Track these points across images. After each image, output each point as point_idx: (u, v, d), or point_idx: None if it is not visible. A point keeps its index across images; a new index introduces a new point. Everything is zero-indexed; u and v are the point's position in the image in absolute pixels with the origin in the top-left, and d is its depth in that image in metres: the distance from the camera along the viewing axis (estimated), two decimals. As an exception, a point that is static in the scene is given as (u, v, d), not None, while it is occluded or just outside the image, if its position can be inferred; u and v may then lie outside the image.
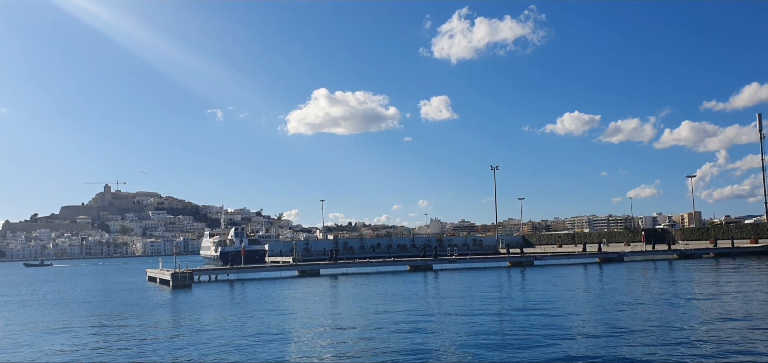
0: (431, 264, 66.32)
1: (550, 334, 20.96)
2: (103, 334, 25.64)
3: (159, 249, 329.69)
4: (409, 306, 31.13)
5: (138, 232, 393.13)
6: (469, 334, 21.76)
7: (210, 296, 41.19)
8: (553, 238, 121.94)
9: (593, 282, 43.60)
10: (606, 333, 20.95)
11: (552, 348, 18.64)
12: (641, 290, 35.89)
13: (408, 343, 20.33)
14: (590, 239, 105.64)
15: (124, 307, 36.27)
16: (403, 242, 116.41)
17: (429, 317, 26.63)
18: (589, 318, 24.82)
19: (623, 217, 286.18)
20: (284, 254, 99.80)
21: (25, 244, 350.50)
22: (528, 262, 68.45)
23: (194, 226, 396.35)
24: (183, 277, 51.90)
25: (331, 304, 33.89)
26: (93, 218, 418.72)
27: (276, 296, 39.75)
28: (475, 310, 28.67)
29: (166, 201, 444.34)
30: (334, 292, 42.49)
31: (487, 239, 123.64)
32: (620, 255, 72.43)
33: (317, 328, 24.55)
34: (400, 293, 38.75)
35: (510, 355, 18.00)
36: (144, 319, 29.89)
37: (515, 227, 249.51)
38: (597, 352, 17.88)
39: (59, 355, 20.43)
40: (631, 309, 27.30)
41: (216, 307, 33.90)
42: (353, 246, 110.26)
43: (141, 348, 21.21)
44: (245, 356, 19.07)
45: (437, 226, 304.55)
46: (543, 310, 27.54)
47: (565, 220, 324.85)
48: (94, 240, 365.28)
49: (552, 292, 36.51)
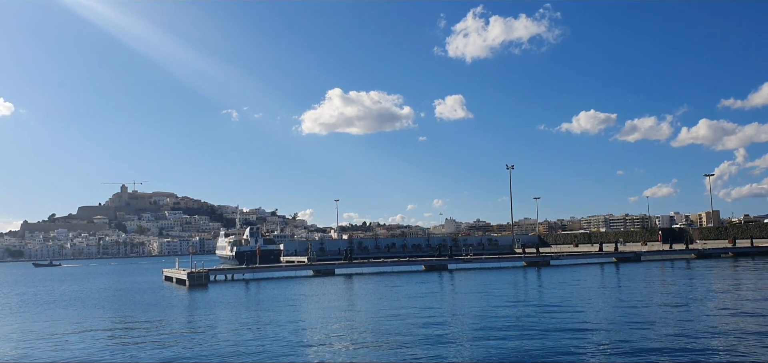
0: (446, 264, 66.12)
1: (567, 335, 20.78)
2: (120, 332, 25.80)
3: (175, 249, 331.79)
4: (425, 306, 31.05)
5: (154, 232, 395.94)
6: (485, 333, 21.63)
7: (226, 295, 41.36)
8: (569, 237, 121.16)
9: (610, 282, 43.22)
10: (624, 333, 20.72)
11: (569, 348, 18.47)
12: (659, 290, 35.53)
13: (424, 342, 20.25)
14: (606, 239, 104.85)
15: (141, 307, 36.51)
16: (418, 242, 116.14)
17: (445, 317, 26.53)
18: (606, 318, 24.58)
19: (640, 217, 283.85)
20: (299, 254, 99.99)
21: (43, 244, 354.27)
22: (544, 262, 68.02)
23: (210, 225, 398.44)
24: (199, 276, 52.19)
25: (346, 304, 33.88)
26: (110, 218, 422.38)
27: (291, 296, 39.83)
28: (491, 309, 28.52)
29: (182, 201, 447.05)
30: (350, 291, 42.49)
31: (503, 239, 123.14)
32: (637, 255, 71.78)
33: (333, 328, 24.54)
34: (416, 293, 38.67)
35: (527, 355, 17.87)
36: (161, 318, 30.05)
37: (531, 227, 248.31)
38: (615, 352, 17.70)
39: (78, 353, 20.58)
40: (649, 309, 27.02)
41: (232, 307, 34.02)
42: (368, 246, 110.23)
43: (158, 347, 21.30)
44: (261, 355, 19.08)
45: (452, 226, 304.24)
46: (560, 310, 27.33)
47: (581, 219, 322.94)
48: (111, 240, 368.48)
49: (568, 291, 36.23)
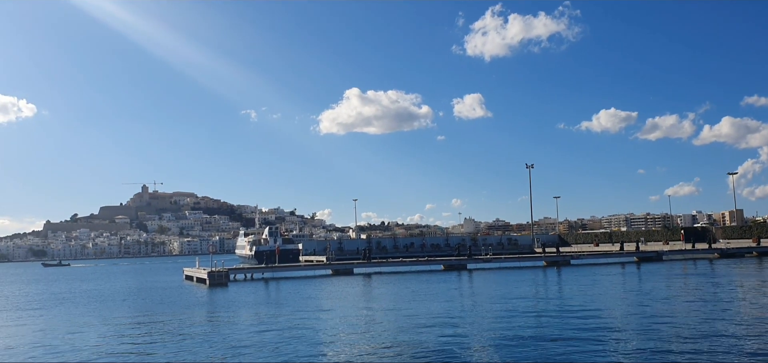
0: (466, 263, 65.89)
1: (588, 335, 20.59)
2: (144, 330, 26.06)
3: (195, 248, 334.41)
4: (444, 305, 30.94)
5: (175, 231, 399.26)
6: (505, 335, 21.49)
7: (246, 294, 41.58)
8: (589, 237, 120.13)
9: (631, 281, 42.77)
10: (647, 336, 20.48)
11: (590, 350, 18.29)
12: (682, 290, 35.08)
13: (443, 343, 20.17)
14: (628, 238, 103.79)
15: (163, 305, 36.83)
16: (437, 242, 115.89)
17: (464, 317, 26.41)
18: (629, 320, 24.32)
19: (661, 216, 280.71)
20: (318, 253, 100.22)
21: (65, 244, 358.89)
22: (564, 262, 67.52)
23: (229, 225, 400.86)
24: (219, 275, 52.60)
25: (365, 303, 33.88)
26: (131, 218, 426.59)
27: (310, 295, 39.92)
28: (511, 309, 28.34)
29: (202, 201, 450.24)
30: (368, 291, 42.48)
31: (523, 238, 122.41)
32: (659, 254, 70.99)
33: (352, 327, 24.54)
34: (435, 292, 38.55)
35: (548, 358, 17.71)
36: (182, 316, 30.33)
37: (551, 226, 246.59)
38: (638, 354, 17.48)
39: (103, 350, 20.78)
40: (672, 310, 26.69)
41: (252, 305, 34.21)
42: (386, 245, 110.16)
43: (181, 344, 21.46)
44: (281, 354, 19.12)
45: (471, 226, 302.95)
46: (581, 311, 27.09)
47: (601, 218, 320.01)
48: (133, 240, 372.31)
49: (589, 291, 35.90)
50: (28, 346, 22.88)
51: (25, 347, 22.57)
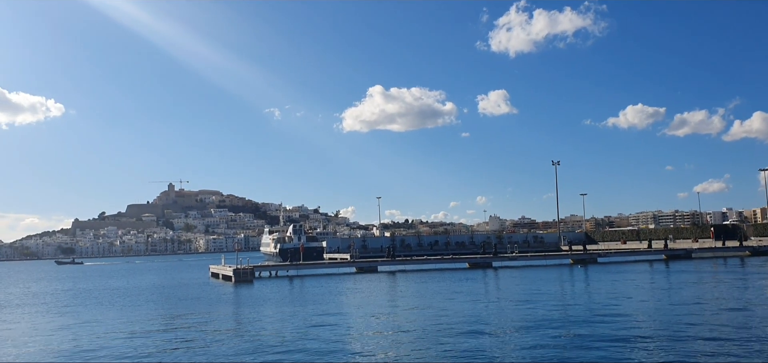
0: (491, 261, 65.44)
1: (616, 335, 20.28)
2: (173, 325, 26.30)
3: (221, 246, 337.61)
4: (469, 304, 30.75)
5: (201, 229, 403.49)
6: (531, 333, 21.25)
7: (271, 292, 41.77)
8: (616, 234, 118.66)
9: (660, 280, 42.10)
10: (676, 335, 20.10)
11: (617, 350, 17.99)
12: (712, 288, 34.43)
13: (469, 341, 20.00)
14: (656, 236, 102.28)
15: (190, 302, 37.18)
16: (462, 240, 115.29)
17: (490, 316, 26.19)
18: (657, 318, 23.91)
19: (690, 213, 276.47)
20: (342, 251, 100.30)
21: (93, 242, 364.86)
22: (591, 260, 66.76)
23: (254, 223, 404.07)
24: (245, 273, 53.11)
25: (389, 302, 33.81)
26: (158, 216, 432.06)
27: (335, 292, 39.97)
28: (537, 308, 28.04)
29: (228, 199, 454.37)
30: (393, 289, 42.39)
31: (549, 236, 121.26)
32: (688, 252, 69.81)
33: (376, 325, 24.49)
34: (460, 291, 38.33)
35: (574, 356, 17.46)
36: (210, 312, 30.61)
37: (577, 224, 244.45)
38: (666, 356, 17.14)
39: (133, 344, 20.97)
40: (701, 309, 26.20)
41: (277, 303, 34.37)
42: (411, 243, 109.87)
43: (208, 339, 21.60)
44: (306, 351, 19.11)
45: (497, 223, 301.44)
46: (608, 310, 26.73)
47: (628, 216, 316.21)
48: (159, 237, 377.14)
49: (617, 290, 35.39)
50: (60, 343, 23.21)
51: (57, 345, 22.91)
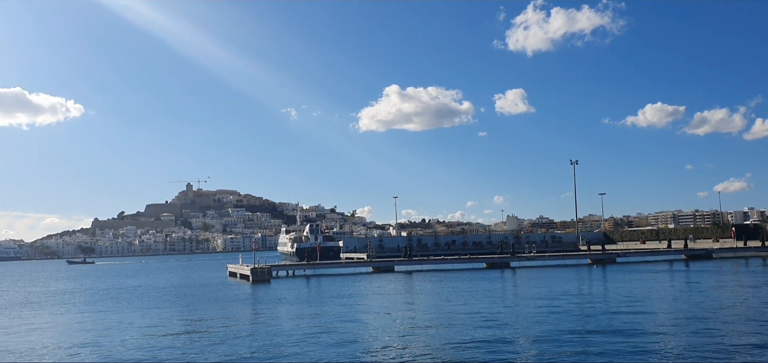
0: (509, 261, 65.09)
1: (635, 336, 20.04)
2: (191, 325, 26.45)
3: (238, 245, 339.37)
4: (487, 304, 30.59)
5: (218, 228, 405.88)
6: (549, 334, 21.07)
7: (288, 291, 41.85)
8: (635, 234, 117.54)
9: (680, 280, 41.60)
10: (696, 336, 19.81)
11: (637, 352, 17.75)
12: (733, 289, 33.94)
13: (486, 341, 19.87)
14: (675, 236, 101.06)
15: (210, 302, 37.35)
16: (479, 239, 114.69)
17: (508, 316, 26.02)
18: (678, 319, 23.59)
19: (711, 213, 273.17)
20: (358, 251, 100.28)
21: (113, 241, 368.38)
22: (610, 260, 66.20)
23: (271, 222, 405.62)
24: (262, 272, 53.29)
25: (406, 301, 33.71)
26: (176, 215, 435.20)
27: (352, 292, 39.95)
28: (555, 309, 27.83)
29: (245, 198, 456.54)
30: (409, 288, 42.28)
31: (567, 236, 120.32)
32: (708, 252, 68.95)
33: (394, 325, 24.42)
34: (477, 291, 38.15)
35: (592, 357, 17.25)
36: (228, 311, 30.78)
37: (596, 224, 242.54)
38: (687, 358, 16.88)
39: (155, 341, 21.10)
40: (723, 310, 25.82)
41: (294, 302, 34.46)
42: (427, 243, 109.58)
43: (226, 339, 21.68)
44: (324, 351, 19.08)
45: (514, 223, 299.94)
46: (627, 310, 26.48)
47: (648, 215, 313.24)
48: (178, 237, 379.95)
49: (636, 290, 35.00)
50: (83, 341, 23.40)
51: (80, 343, 23.09)
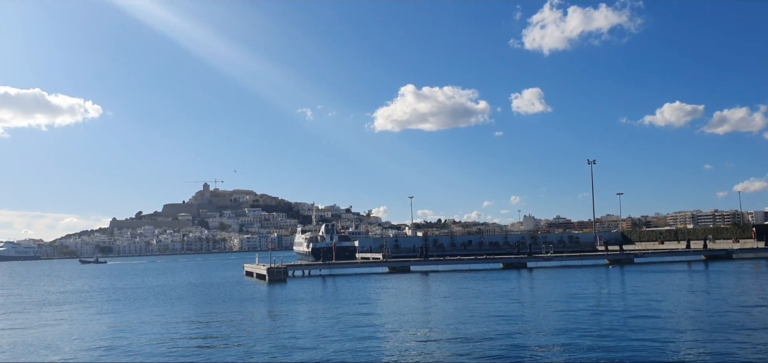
0: (526, 262, 64.72)
1: (655, 338, 19.82)
2: (211, 322, 26.59)
3: (255, 245, 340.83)
4: (504, 305, 30.42)
5: (235, 228, 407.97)
6: (566, 335, 20.89)
7: (304, 291, 41.92)
8: (653, 234, 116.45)
9: (699, 281, 41.09)
10: (716, 338, 19.52)
11: (655, 354, 17.53)
12: (754, 290, 33.45)
13: (504, 342, 19.74)
14: (694, 236, 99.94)
15: (226, 301, 37.52)
16: (496, 239, 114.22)
17: (525, 317, 25.85)
18: (697, 321, 23.29)
19: (731, 213, 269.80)
20: (374, 251, 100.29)
21: (130, 241, 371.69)
22: (628, 260, 65.61)
23: (287, 222, 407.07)
24: (278, 272, 53.47)
25: (422, 302, 33.63)
26: (193, 215, 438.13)
27: (368, 292, 39.93)
28: (573, 310, 27.62)
29: (261, 198, 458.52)
30: (426, 289, 42.17)
31: (584, 236, 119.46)
32: (728, 252, 68.11)
33: (410, 325, 24.35)
34: (494, 292, 37.95)
35: (611, 359, 17.05)
36: (244, 310, 30.92)
37: (613, 224, 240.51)
38: (706, 361, 16.63)
39: (175, 337, 21.21)
40: (743, 311, 25.47)
41: (310, 302, 34.52)
42: (443, 243, 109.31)
43: (244, 338, 21.77)
44: (341, 350, 19.04)
45: (531, 223, 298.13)
46: (646, 312, 26.22)
47: (666, 216, 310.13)
48: (195, 236, 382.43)
49: (655, 291, 34.62)
50: (107, 340, 23.57)
51: (104, 341, 23.27)
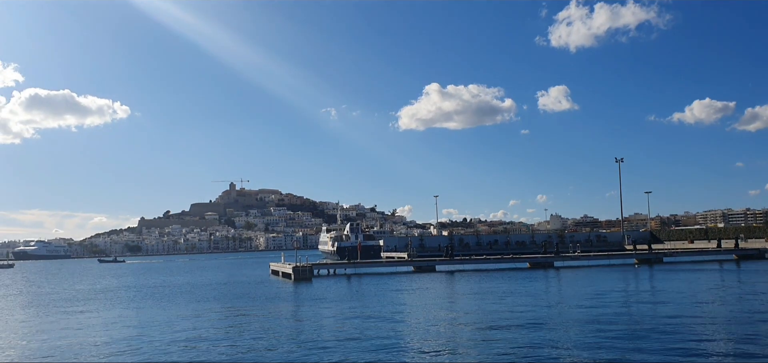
0: (553, 261, 64.10)
1: (685, 340, 19.43)
2: (238, 319, 26.79)
3: (280, 244, 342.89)
4: (531, 305, 30.14)
5: (261, 227, 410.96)
6: (595, 336, 20.60)
7: (329, 290, 42.02)
8: (683, 233, 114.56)
9: (731, 280, 40.31)
10: (748, 340, 19.07)
11: (686, 356, 17.19)
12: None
13: (530, 344, 19.54)
14: (725, 235, 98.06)
15: (253, 299, 37.80)
16: (522, 239, 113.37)
17: (552, 317, 25.58)
18: (729, 322, 22.82)
19: (763, 212, 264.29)
20: (399, 250, 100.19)
21: (158, 240, 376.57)
22: (657, 260, 64.67)
23: (312, 221, 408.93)
24: (304, 270, 53.73)
25: (448, 301, 33.49)
26: (220, 214, 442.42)
27: (393, 291, 39.87)
28: (601, 310, 27.27)
29: (286, 198, 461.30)
30: (451, 288, 41.99)
31: (612, 235, 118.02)
32: (761, 252, 66.79)
33: (436, 325, 24.26)
34: (521, 291, 37.63)
35: (638, 361, 16.77)
36: (271, 309, 31.13)
37: (642, 222, 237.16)
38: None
39: (202, 334, 21.40)
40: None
41: (335, 301, 34.59)
42: (469, 242, 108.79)
43: (270, 336, 21.87)
44: (367, 349, 19.01)
45: (558, 222, 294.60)
46: (676, 313, 25.77)
47: (696, 214, 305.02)
48: (221, 235, 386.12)
49: (685, 291, 34.02)
50: (128, 337, 23.87)
51: (124, 339, 23.57)
